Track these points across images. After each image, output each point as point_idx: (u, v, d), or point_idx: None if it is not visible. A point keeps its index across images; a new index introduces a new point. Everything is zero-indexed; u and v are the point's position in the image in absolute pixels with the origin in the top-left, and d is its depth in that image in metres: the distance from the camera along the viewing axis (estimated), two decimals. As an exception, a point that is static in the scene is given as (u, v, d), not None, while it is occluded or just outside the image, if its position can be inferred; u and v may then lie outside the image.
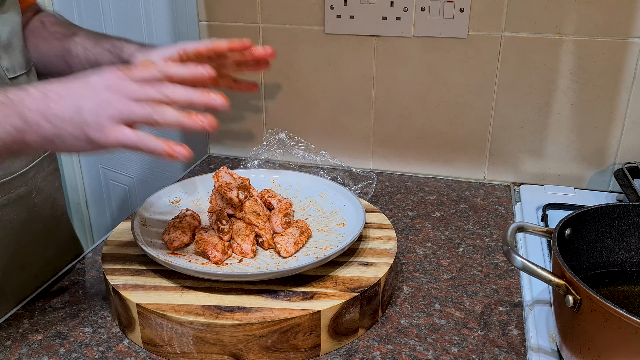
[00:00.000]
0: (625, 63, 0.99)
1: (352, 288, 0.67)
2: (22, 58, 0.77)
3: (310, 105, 1.16)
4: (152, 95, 0.56)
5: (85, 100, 0.55)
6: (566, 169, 1.08)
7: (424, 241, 0.89)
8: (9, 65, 0.73)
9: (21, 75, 0.76)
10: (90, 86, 0.56)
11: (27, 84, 0.58)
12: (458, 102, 1.09)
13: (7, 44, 0.73)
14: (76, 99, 0.55)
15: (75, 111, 0.54)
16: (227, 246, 0.72)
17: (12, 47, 0.74)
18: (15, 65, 0.75)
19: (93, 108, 0.55)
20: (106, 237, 0.81)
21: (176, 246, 0.73)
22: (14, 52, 0.75)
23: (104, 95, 0.55)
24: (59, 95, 0.55)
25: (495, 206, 1.01)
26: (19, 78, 0.76)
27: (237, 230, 0.73)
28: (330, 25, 1.09)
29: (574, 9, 0.98)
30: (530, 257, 0.68)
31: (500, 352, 0.66)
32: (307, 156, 1.05)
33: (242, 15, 1.13)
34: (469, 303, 0.74)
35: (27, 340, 0.67)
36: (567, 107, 1.04)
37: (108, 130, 0.55)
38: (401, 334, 0.68)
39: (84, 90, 0.56)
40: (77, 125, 0.54)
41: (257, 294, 0.66)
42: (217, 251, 0.70)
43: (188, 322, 0.62)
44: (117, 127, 0.55)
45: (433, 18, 1.04)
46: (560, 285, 0.57)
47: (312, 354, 0.65)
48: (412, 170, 1.16)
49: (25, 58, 0.78)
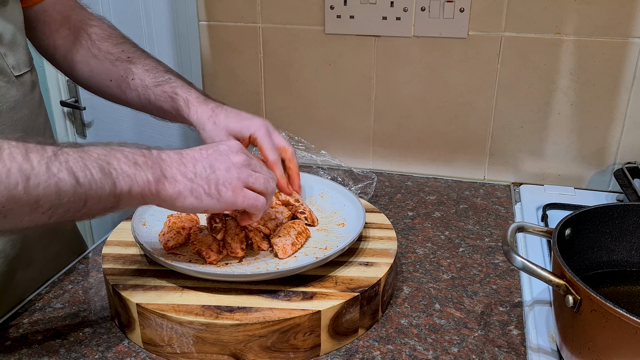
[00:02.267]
0: (625, 63, 0.99)
1: (352, 288, 0.67)
2: (25, 56, 0.77)
3: (310, 105, 1.16)
4: (265, 175, 0.67)
5: (218, 162, 0.63)
6: (566, 169, 1.08)
7: (424, 241, 0.89)
8: (14, 62, 0.74)
9: (26, 73, 0.76)
10: (222, 153, 0.64)
11: (160, 149, 0.62)
12: (458, 102, 1.09)
13: (11, 41, 0.73)
14: (210, 161, 0.62)
15: (211, 170, 0.62)
16: (222, 245, 0.72)
17: (17, 44, 0.74)
18: (20, 63, 0.75)
19: (225, 169, 0.63)
20: (106, 237, 0.81)
21: (171, 246, 0.73)
22: (18, 49, 0.75)
23: (235, 160, 0.64)
24: (193, 158, 0.62)
25: (495, 206, 1.01)
26: (24, 76, 0.76)
27: (228, 228, 0.74)
28: (330, 25, 1.09)
29: (574, 9, 0.98)
30: (530, 257, 0.68)
31: (500, 352, 0.66)
32: (307, 156, 1.05)
33: (242, 15, 1.13)
34: (469, 303, 0.74)
35: (27, 340, 0.67)
36: (567, 107, 1.04)
37: (237, 190, 0.63)
38: (401, 334, 0.68)
39: (216, 155, 0.63)
40: (212, 182, 0.61)
41: (257, 294, 0.66)
42: (211, 251, 0.70)
43: (188, 322, 0.62)
44: (244, 189, 0.63)
45: (433, 18, 1.04)
46: (560, 285, 0.57)
47: (312, 354, 0.65)
48: (412, 170, 1.16)
49: (29, 56, 0.78)
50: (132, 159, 0.58)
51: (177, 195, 0.60)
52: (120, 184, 0.56)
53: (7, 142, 0.51)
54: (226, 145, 0.65)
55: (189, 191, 0.60)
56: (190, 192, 0.60)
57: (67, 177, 0.52)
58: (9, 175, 0.49)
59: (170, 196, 0.60)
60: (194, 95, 0.80)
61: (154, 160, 0.60)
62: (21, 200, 0.50)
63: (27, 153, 0.51)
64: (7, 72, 0.73)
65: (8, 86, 0.73)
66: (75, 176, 0.53)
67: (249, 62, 1.16)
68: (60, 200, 0.52)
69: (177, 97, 0.80)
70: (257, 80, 1.17)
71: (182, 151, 0.63)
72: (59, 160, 0.53)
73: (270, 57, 1.15)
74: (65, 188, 0.52)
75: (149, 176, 0.58)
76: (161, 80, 0.81)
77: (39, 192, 0.51)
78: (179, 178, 0.60)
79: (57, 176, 0.52)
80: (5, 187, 0.49)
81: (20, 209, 0.51)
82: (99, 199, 0.55)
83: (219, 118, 0.77)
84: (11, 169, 0.49)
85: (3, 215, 0.50)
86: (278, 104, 1.18)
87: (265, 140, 0.76)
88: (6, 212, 0.50)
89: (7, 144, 0.51)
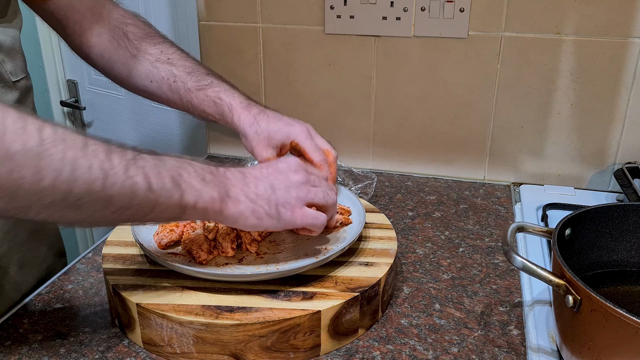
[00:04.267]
0: (625, 63, 0.99)
1: (352, 288, 0.67)
2: (22, 62, 0.78)
3: (310, 105, 1.16)
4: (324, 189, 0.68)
5: (278, 181, 0.64)
6: (566, 169, 1.08)
7: (424, 241, 0.89)
8: (12, 69, 0.75)
9: (22, 79, 0.77)
10: (281, 172, 0.66)
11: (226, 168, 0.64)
12: (458, 102, 1.09)
13: (10, 49, 0.75)
14: (270, 182, 0.64)
15: (271, 191, 0.63)
16: (213, 246, 0.72)
17: (15, 51, 0.76)
18: (17, 69, 0.76)
19: (285, 189, 0.64)
20: (106, 237, 0.81)
21: (165, 244, 0.73)
22: (16, 56, 0.76)
23: (294, 179, 0.65)
24: (256, 178, 0.64)
25: (495, 206, 1.01)
26: (20, 81, 0.77)
27: (220, 228, 0.74)
28: (330, 25, 1.09)
29: (574, 9, 0.98)
30: (530, 257, 0.68)
31: (500, 352, 0.66)
32: (307, 156, 1.05)
33: (242, 15, 1.13)
34: (469, 303, 0.74)
35: (27, 340, 0.67)
36: (567, 107, 1.04)
37: (296, 209, 0.64)
38: (401, 334, 0.68)
39: (276, 174, 0.65)
40: (272, 203, 0.63)
41: (257, 294, 0.66)
42: (202, 251, 0.70)
43: (188, 322, 0.62)
44: (303, 208, 0.65)
45: (433, 18, 1.04)
46: (560, 285, 0.57)
47: (312, 354, 0.65)
48: (412, 170, 1.16)
49: (25, 62, 0.79)
50: (201, 174, 0.60)
51: (239, 215, 0.62)
52: (188, 197, 0.58)
53: (92, 140, 0.53)
54: (285, 164, 0.67)
55: (250, 212, 0.62)
56: (252, 213, 0.62)
57: (142, 181, 0.55)
58: (90, 171, 0.51)
59: (232, 215, 0.62)
60: (237, 100, 0.80)
61: (220, 179, 0.61)
62: (97, 196, 0.52)
63: (110, 152, 0.53)
64: (5, 78, 0.74)
65: (4, 91, 0.74)
66: (149, 182, 0.55)
67: (249, 62, 1.16)
68: (131, 202, 0.55)
69: (221, 102, 0.80)
70: (257, 80, 1.17)
71: (244, 170, 0.65)
72: (137, 165, 0.55)
73: (270, 57, 1.15)
74: (139, 191, 0.55)
75: (214, 194, 0.60)
76: (204, 85, 0.81)
77: (114, 191, 0.53)
78: (242, 198, 0.62)
79: (133, 179, 0.54)
80: (85, 182, 0.51)
81: (94, 204, 0.53)
82: (166, 206, 0.57)
83: (260, 126, 0.78)
84: (93, 164, 0.52)
85: (78, 207, 0.52)
86: (278, 104, 1.18)
87: (307, 143, 0.76)
88: (81, 204, 0.52)
89: (92, 141, 0.53)
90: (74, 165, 0.50)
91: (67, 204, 0.51)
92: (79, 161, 0.51)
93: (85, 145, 0.52)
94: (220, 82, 0.82)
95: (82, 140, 0.52)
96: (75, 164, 0.50)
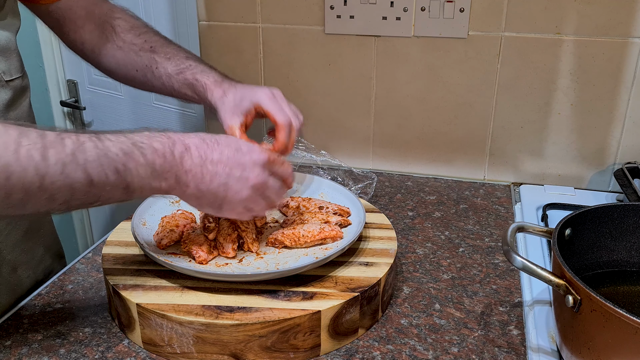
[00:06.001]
0: (625, 63, 0.99)
1: (352, 288, 0.67)
2: (18, 62, 0.78)
3: (310, 105, 1.16)
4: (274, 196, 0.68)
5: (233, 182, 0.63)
6: (566, 169, 1.08)
7: (424, 241, 0.89)
8: (5, 68, 0.75)
9: (17, 79, 0.77)
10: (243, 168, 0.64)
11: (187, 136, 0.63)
12: (458, 102, 1.09)
13: (4, 48, 0.74)
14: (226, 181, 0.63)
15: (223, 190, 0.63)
16: (213, 246, 0.72)
17: (10, 51, 0.76)
18: (12, 68, 0.76)
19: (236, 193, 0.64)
20: (106, 237, 0.81)
21: (165, 244, 0.73)
22: (11, 55, 0.76)
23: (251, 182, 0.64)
24: (214, 171, 0.62)
25: (495, 206, 1.01)
26: (15, 81, 0.77)
27: (221, 229, 0.74)
28: (330, 25, 1.09)
29: (574, 9, 0.98)
30: (530, 257, 0.68)
31: (500, 352, 0.66)
32: (307, 156, 1.05)
33: (242, 15, 1.13)
34: (469, 303, 0.74)
35: (27, 340, 0.67)
36: (567, 107, 1.04)
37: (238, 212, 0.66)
38: (401, 334, 0.68)
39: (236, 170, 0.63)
40: (218, 201, 0.64)
41: (257, 294, 0.66)
42: (202, 251, 0.70)
43: (188, 322, 0.62)
44: (244, 212, 0.67)
45: (433, 18, 1.04)
46: (560, 285, 0.57)
47: (312, 354, 0.65)
48: (412, 170, 1.16)
49: (21, 62, 0.79)
50: (151, 161, 0.59)
51: (184, 197, 0.64)
52: (134, 186, 0.59)
53: (26, 137, 0.53)
54: (250, 159, 0.64)
55: (195, 199, 0.64)
56: (196, 200, 0.64)
57: (82, 177, 0.55)
58: (25, 175, 0.52)
59: (178, 195, 0.64)
60: (212, 79, 0.81)
61: (171, 165, 0.61)
62: (38, 195, 0.54)
63: (45, 150, 0.53)
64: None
65: None
66: (89, 177, 0.55)
67: (249, 62, 1.16)
68: (73, 196, 0.56)
69: (197, 83, 0.82)
70: (257, 80, 1.17)
71: (207, 153, 0.63)
72: (77, 161, 0.55)
73: (270, 57, 1.15)
74: (80, 187, 0.55)
75: (161, 185, 0.61)
76: (182, 68, 0.83)
77: (54, 189, 0.54)
78: (192, 186, 0.62)
79: (71, 177, 0.54)
80: (22, 185, 0.52)
81: (37, 202, 0.54)
82: (112, 195, 0.58)
83: (227, 97, 0.79)
84: (28, 168, 0.52)
85: (24, 204, 0.54)
86: (278, 104, 1.18)
87: (270, 105, 0.77)
88: (24, 204, 0.54)
89: (26, 139, 0.53)
90: (8, 172, 0.51)
91: (10, 205, 0.53)
92: (12, 167, 0.51)
93: (18, 147, 0.52)
94: (198, 64, 0.84)
95: (15, 141, 0.52)
96: (8, 171, 0.51)
